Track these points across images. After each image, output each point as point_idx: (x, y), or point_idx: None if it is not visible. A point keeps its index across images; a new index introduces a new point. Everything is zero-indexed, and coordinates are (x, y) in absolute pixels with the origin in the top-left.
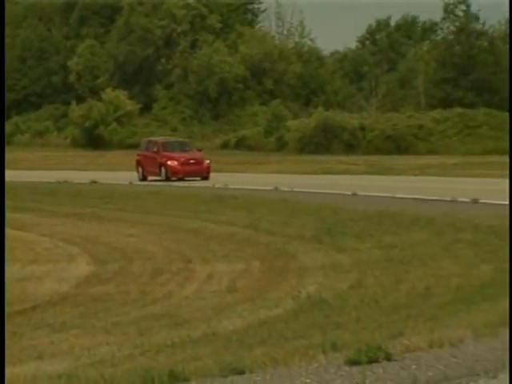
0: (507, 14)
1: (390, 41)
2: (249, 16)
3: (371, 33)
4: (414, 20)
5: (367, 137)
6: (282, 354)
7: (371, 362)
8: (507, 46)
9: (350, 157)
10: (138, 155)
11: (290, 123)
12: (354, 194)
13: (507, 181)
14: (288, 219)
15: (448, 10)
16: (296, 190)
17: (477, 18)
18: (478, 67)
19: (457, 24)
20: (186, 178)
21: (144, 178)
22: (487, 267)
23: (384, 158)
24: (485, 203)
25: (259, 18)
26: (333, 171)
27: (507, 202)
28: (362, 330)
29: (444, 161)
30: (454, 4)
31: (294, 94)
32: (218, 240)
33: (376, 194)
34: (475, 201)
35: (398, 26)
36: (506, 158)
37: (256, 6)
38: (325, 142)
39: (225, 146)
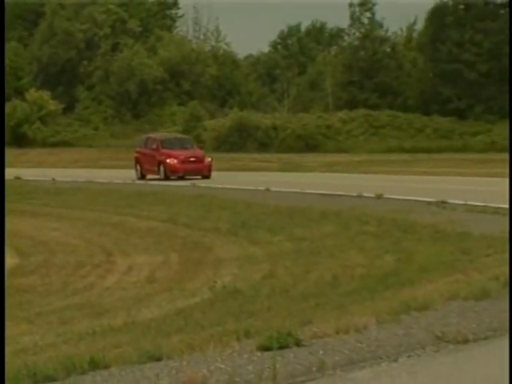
0: (410, 20)
1: (300, 45)
2: (167, 21)
3: (283, 38)
4: (323, 26)
5: (279, 136)
6: (198, 341)
7: (282, 347)
8: (409, 52)
9: (263, 155)
10: (137, 152)
11: (207, 123)
12: (267, 190)
13: (407, 177)
14: (205, 214)
15: (354, 18)
16: (212, 186)
17: (381, 26)
18: (382, 71)
19: (362, 30)
20: (186, 177)
21: (142, 177)
22: (390, 258)
23: (295, 156)
24: (388, 198)
25: (177, 23)
26: (247, 168)
27: (409, 197)
28: (273, 317)
29: (350, 158)
30: (359, 12)
31: (211, 95)
32: (138, 234)
33: (287, 190)
34: (379, 196)
35: (308, 32)
36: (407, 156)
37: (174, 11)
38: (240, 141)
39: None
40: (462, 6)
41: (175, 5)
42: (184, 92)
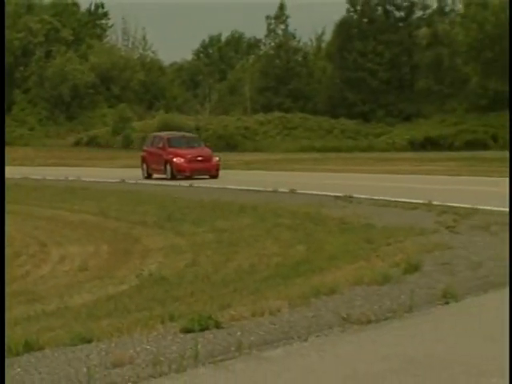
0: (319, 32)
1: (220, 54)
2: (98, 30)
3: (204, 47)
4: (241, 36)
5: (202, 136)
6: (126, 325)
7: (203, 329)
8: (319, 61)
9: None
10: (143, 151)
11: (135, 124)
12: (191, 186)
13: (318, 174)
14: (133, 207)
15: (270, 29)
16: (140, 182)
17: (294, 37)
18: (294, 78)
19: (277, 41)
20: (194, 177)
21: (149, 176)
22: (302, 247)
23: (216, 155)
24: (301, 193)
25: (107, 32)
26: None
27: (320, 193)
28: (195, 302)
29: (267, 157)
30: (275, 24)
31: (139, 98)
32: (70, 226)
33: (210, 186)
34: (293, 191)
35: (228, 42)
36: (318, 155)
37: (104, 21)
38: None
39: (77, 143)
40: (365, 20)
41: (105, 15)
42: (114, 96)
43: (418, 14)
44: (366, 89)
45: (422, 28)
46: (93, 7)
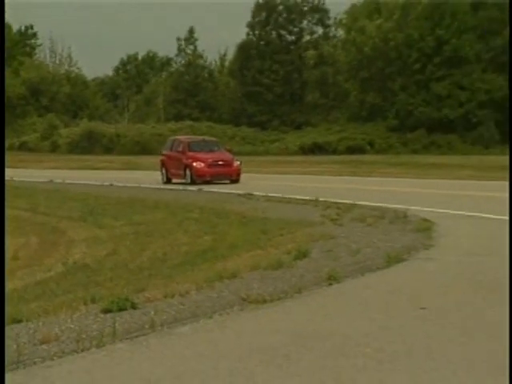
0: (222, 52)
1: (137, 70)
2: (28, 49)
3: (123, 64)
4: (155, 55)
5: (121, 142)
6: (53, 307)
7: (121, 310)
8: (223, 77)
9: (107, 157)
10: (162, 155)
11: (62, 131)
12: (111, 185)
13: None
14: (60, 204)
15: (180, 49)
16: (67, 181)
17: (201, 56)
18: (202, 91)
19: (186, 60)
20: (214, 182)
21: (168, 181)
22: (208, 238)
23: (134, 158)
24: (207, 191)
25: (36, 50)
26: (95, 167)
27: (223, 190)
28: (114, 286)
29: None
30: (184, 44)
31: (65, 108)
32: None
33: (128, 185)
34: (200, 189)
35: (144, 60)
36: None
37: (33, 41)
38: (89, 146)
39: (10, 148)
40: (262, 42)
41: (34, 35)
42: (43, 106)
43: (307, 38)
44: (263, 101)
45: (310, 50)
46: (23, 28)
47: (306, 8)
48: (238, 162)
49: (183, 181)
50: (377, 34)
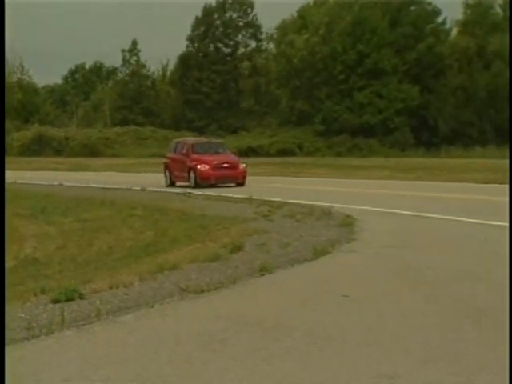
0: (164, 63)
1: (85, 79)
2: None
3: (72, 73)
4: (102, 65)
5: (70, 145)
6: (5, 297)
7: (69, 300)
8: (164, 86)
9: (57, 159)
10: (166, 158)
11: (14, 135)
12: (61, 184)
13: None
14: (12, 202)
15: (125, 59)
16: (19, 181)
17: (144, 66)
18: (145, 99)
19: (131, 69)
20: (219, 185)
21: (172, 184)
22: (150, 233)
23: (82, 160)
24: (151, 190)
25: None
26: (45, 169)
27: (165, 189)
28: (63, 278)
29: (124, 161)
30: (129, 56)
31: (17, 114)
32: None
33: (76, 185)
34: (144, 189)
35: (91, 69)
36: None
37: None
38: (39, 148)
39: None
40: (201, 54)
41: None
42: None
43: (241, 50)
44: (202, 108)
45: (245, 61)
46: None
47: (240, 23)
48: (244, 165)
49: (187, 184)
50: (304, 48)
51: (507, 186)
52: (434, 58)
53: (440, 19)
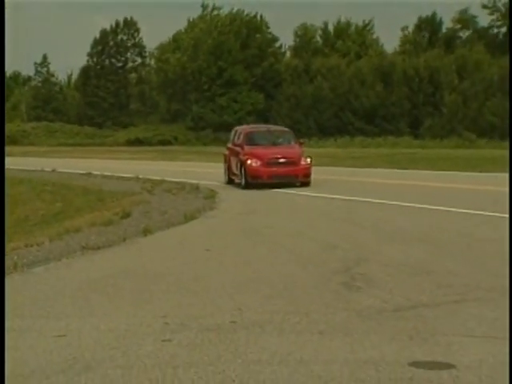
0: (69, 72)
1: (6, 84)
2: None
3: None
4: (18, 74)
5: None
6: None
7: None
8: (71, 90)
9: None
10: (227, 149)
11: None
12: None
13: (71, 160)
14: None
15: (37, 70)
16: None
17: (53, 75)
18: (54, 100)
19: (42, 78)
20: (275, 183)
21: (230, 181)
22: (59, 204)
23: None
24: (60, 171)
25: None
26: None
27: (71, 171)
28: None
29: (38, 149)
30: (40, 67)
31: None
32: None
33: None
34: (54, 170)
35: (10, 77)
36: (70, 148)
37: None
38: None
39: None
40: (98, 66)
41: None
42: None
43: (130, 64)
44: (100, 108)
45: (132, 73)
46: None
47: (129, 44)
48: (309, 160)
49: (240, 182)
50: (177, 64)
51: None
52: (274, 73)
53: (277, 44)
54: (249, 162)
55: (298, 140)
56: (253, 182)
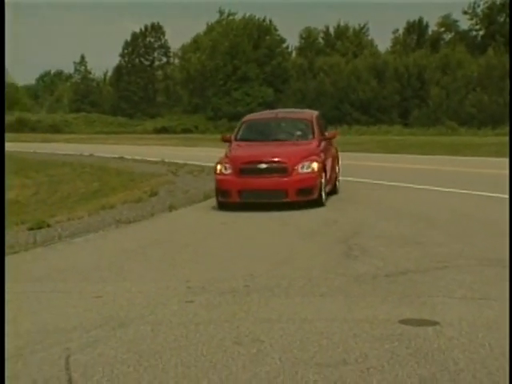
0: (105, 70)
1: (51, 81)
2: None
3: (42, 76)
4: (62, 72)
5: (41, 125)
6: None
7: (40, 228)
8: (107, 86)
9: (32, 135)
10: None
11: None
12: (35, 152)
13: (108, 146)
14: None
15: (76, 69)
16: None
17: (90, 72)
18: (92, 95)
19: (81, 75)
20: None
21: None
22: (96, 184)
23: (49, 136)
24: (96, 156)
25: None
26: (23, 141)
27: (107, 155)
28: (37, 213)
29: (77, 137)
30: (79, 65)
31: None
32: None
33: (44, 152)
34: (91, 154)
35: (55, 74)
36: (105, 136)
37: None
38: (20, 127)
39: None
40: (130, 65)
41: None
42: None
43: (157, 63)
44: (131, 101)
45: (159, 71)
46: None
47: (156, 45)
48: (315, 166)
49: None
50: (198, 62)
51: None
52: (282, 70)
53: (285, 45)
54: (218, 167)
55: (323, 132)
56: (223, 201)
